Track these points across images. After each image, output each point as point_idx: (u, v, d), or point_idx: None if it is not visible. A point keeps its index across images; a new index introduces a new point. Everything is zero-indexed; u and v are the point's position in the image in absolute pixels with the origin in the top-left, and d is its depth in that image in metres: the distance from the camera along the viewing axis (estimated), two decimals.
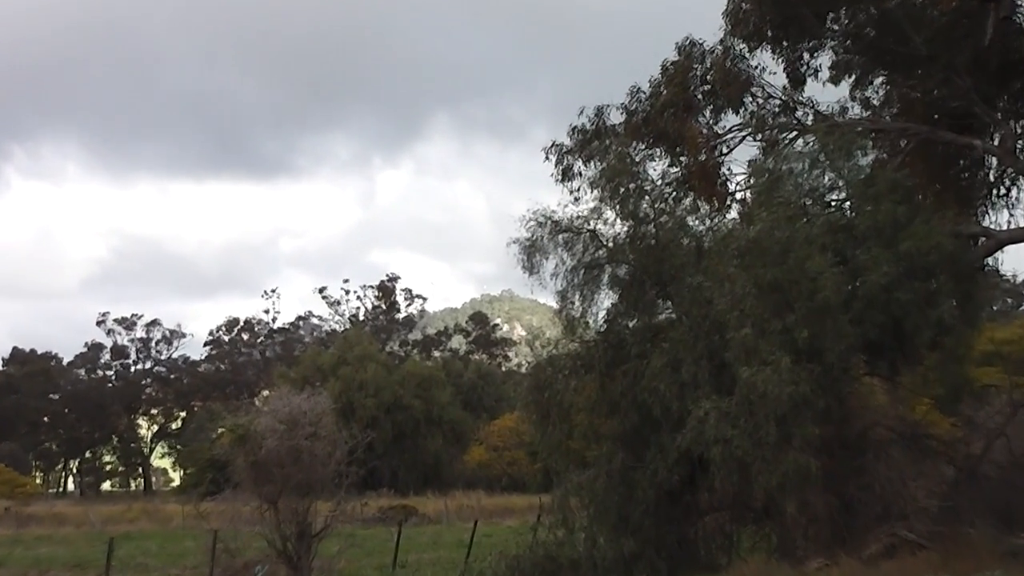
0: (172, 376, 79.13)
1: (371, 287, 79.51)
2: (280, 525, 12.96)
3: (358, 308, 79.33)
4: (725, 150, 15.20)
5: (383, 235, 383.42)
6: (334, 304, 79.08)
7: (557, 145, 15.66)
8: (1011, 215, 14.78)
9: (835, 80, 15.40)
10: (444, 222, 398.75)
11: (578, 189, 15.13)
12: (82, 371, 77.50)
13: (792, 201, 11.91)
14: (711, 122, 15.39)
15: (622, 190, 13.36)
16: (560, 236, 14.23)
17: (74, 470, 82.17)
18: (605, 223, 14.17)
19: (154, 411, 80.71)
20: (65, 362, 77.89)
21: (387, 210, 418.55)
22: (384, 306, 77.70)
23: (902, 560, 9.24)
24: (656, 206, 14.03)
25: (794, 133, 14.72)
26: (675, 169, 15.14)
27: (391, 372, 58.56)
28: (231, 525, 13.82)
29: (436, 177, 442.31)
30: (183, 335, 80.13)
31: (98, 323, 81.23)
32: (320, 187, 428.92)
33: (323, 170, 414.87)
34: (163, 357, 79.36)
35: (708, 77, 15.02)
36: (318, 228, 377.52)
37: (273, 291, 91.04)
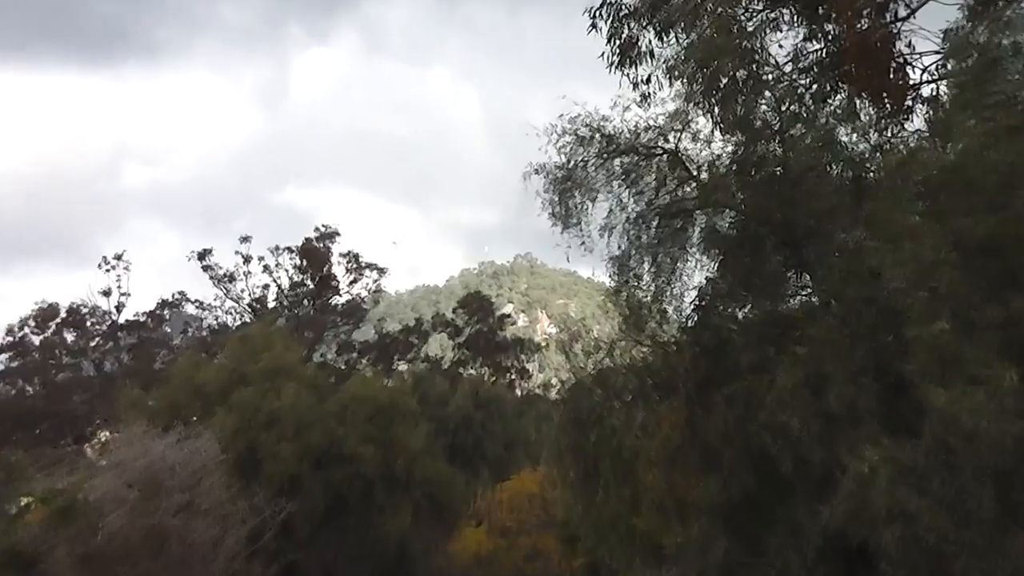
0: None
1: (288, 250, 59.16)
2: None
3: (266, 287, 59.44)
4: (902, 12, 13.34)
5: (306, 160, 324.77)
6: (224, 280, 58.20)
7: (610, 3, 14.10)
8: None
9: None
10: (411, 138, 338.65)
11: (647, 81, 13.96)
12: None
13: (1020, 101, 10.44)
14: None
15: (723, 81, 12.80)
16: (617, 161, 13.70)
17: None
18: (695, 139, 13.87)
19: None
20: None
21: (313, 118, 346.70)
22: (312, 283, 59.86)
23: None
24: (784, 109, 13.17)
25: None
26: (816, 45, 13.65)
27: (324, 398, 38.40)
28: None
29: (397, 59, 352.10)
30: None
31: None
32: (196, 77, 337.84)
33: (201, 48, 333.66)
34: None
35: None
36: (192, 149, 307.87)
37: (117, 258, 59.38)
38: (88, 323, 60.58)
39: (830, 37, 13.50)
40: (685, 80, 12.98)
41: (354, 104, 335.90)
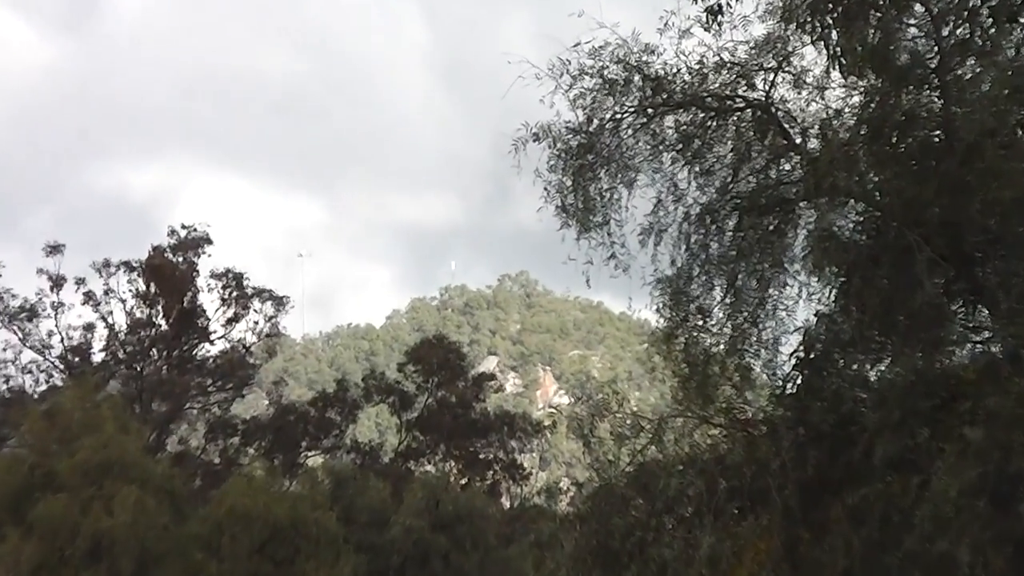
0: None
1: (126, 267, 57.79)
2: None
3: (89, 328, 58.65)
4: None
5: (142, 122, 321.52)
6: (18, 317, 56.88)
7: None
8: None
9: None
10: (314, 84, 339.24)
11: None
12: None
13: None
14: None
15: None
16: (669, 121, 14.07)
17: None
18: (798, 84, 14.09)
19: None
20: None
21: (146, 50, 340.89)
22: (165, 322, 58.41)
23: None
24: (946, 35, 13.20)
25: None
26: None
27: (184, 513, 38.46)
28: None
29: None
30: None
31: None
32: None
33: None
34: None
35: None
36: None
37: None
38: None
39: None
40: None
41: (216, 30, 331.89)
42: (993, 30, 13.06)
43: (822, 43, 12.93)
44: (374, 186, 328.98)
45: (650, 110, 13.61)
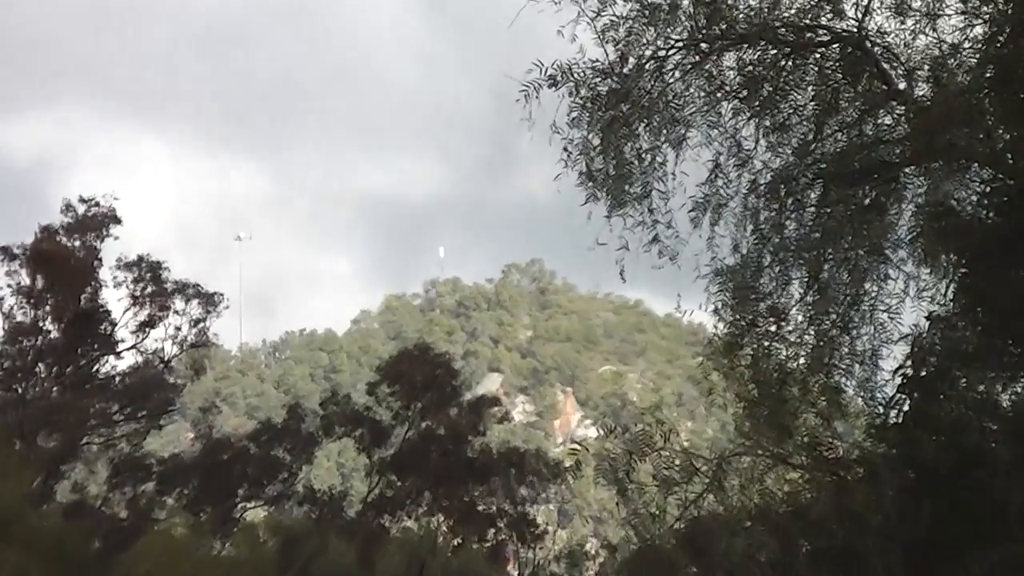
0: None
1: (2, 253, 51.17)
2: None
3: None
4: None
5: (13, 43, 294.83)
6: None
7: None
8: None
9: None
10: (250, 5, 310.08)
11: None
12: None
13: None
14: None
15: None
16: (730, 59, 13.44)
17: None
18: (900, 11, 13.41)
19: None
20: None
21: None
22: (55, 326, 52.45)
23: None
24: None
25: None
26: None
27: None
28: None
29: None
30: None
31: None
32: None
33: None
34: None
35: None
36: None
37: None
38: None
39: None
40: None
41: None
42: None
43: None
44: (333, 147, 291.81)
45: (704, 45, 12.56)
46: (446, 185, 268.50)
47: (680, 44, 12.64)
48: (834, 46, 12.76)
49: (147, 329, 51.10)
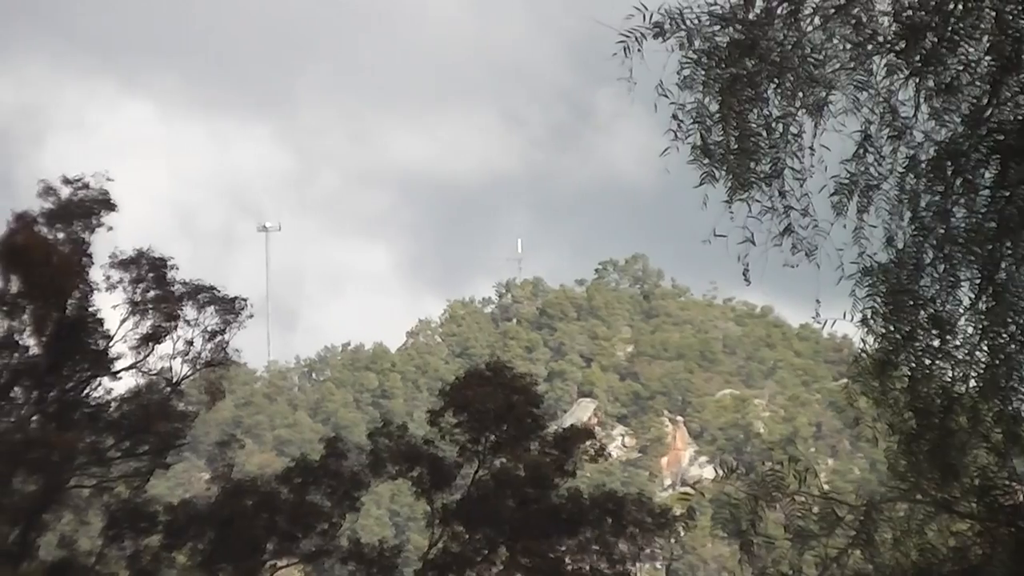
0: None
1: None
2: None
3: None
4: None
5: None
6: None
7: None
8: None
9: None
10: None
11: None
12: None
13: None
14: None
15: None
16: (882, 5, 12.09)
17: None
18: None
19: None
20: None
21: None
22: (35, 340, 49.58)
23: None
24: None
25: None
26: None
27: None
28: None
29: None
30: None
31: None
32: None
33: None
34: None
35: None
36: None
37: None
38: None
39: None
40: None
41: None
42: None
43: None
44: (374, 113, 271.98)
45: None
46: (515, 161, 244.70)
47: None
48: None
49: (150, 344, 47.41)
